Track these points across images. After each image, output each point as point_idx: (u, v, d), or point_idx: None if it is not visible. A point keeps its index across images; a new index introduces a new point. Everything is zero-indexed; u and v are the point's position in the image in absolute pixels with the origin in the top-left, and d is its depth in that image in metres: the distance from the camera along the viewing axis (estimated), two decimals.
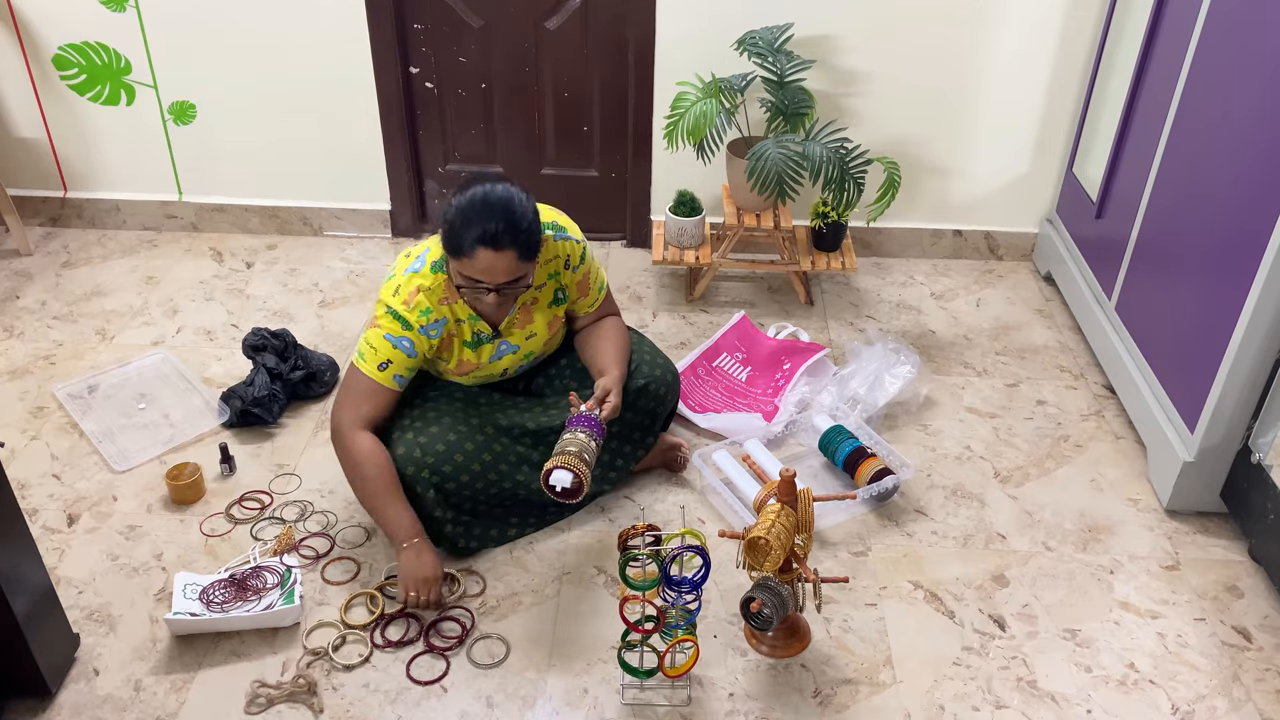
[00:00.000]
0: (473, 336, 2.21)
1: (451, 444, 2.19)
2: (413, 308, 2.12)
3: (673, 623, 1.93)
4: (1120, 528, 2.41)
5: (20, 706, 1.93)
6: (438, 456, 2.17)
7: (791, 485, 1.91)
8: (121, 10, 3.14)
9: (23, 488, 2.43)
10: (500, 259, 2.00)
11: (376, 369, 2.13)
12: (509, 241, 1.99)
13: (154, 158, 3.40)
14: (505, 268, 2.01)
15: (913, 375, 2.70)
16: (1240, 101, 2.24)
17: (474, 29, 3.19)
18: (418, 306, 2.12)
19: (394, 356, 2.13)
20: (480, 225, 1.97)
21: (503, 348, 2.26)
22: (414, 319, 2.12)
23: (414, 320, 2.12)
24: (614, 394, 2.17)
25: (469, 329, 2.20)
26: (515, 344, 2.27)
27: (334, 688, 1.98)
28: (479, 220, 1.97)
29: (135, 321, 3.06)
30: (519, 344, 2.28)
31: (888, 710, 1.97)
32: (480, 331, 2.22)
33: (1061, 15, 3.03)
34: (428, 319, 2.13)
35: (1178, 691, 2.03)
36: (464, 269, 2.03)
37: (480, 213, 1.98)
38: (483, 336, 2.23)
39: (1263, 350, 2.16)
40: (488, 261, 1.99)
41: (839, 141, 2.85)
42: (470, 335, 2.21)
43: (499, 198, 2.00)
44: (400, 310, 2.11)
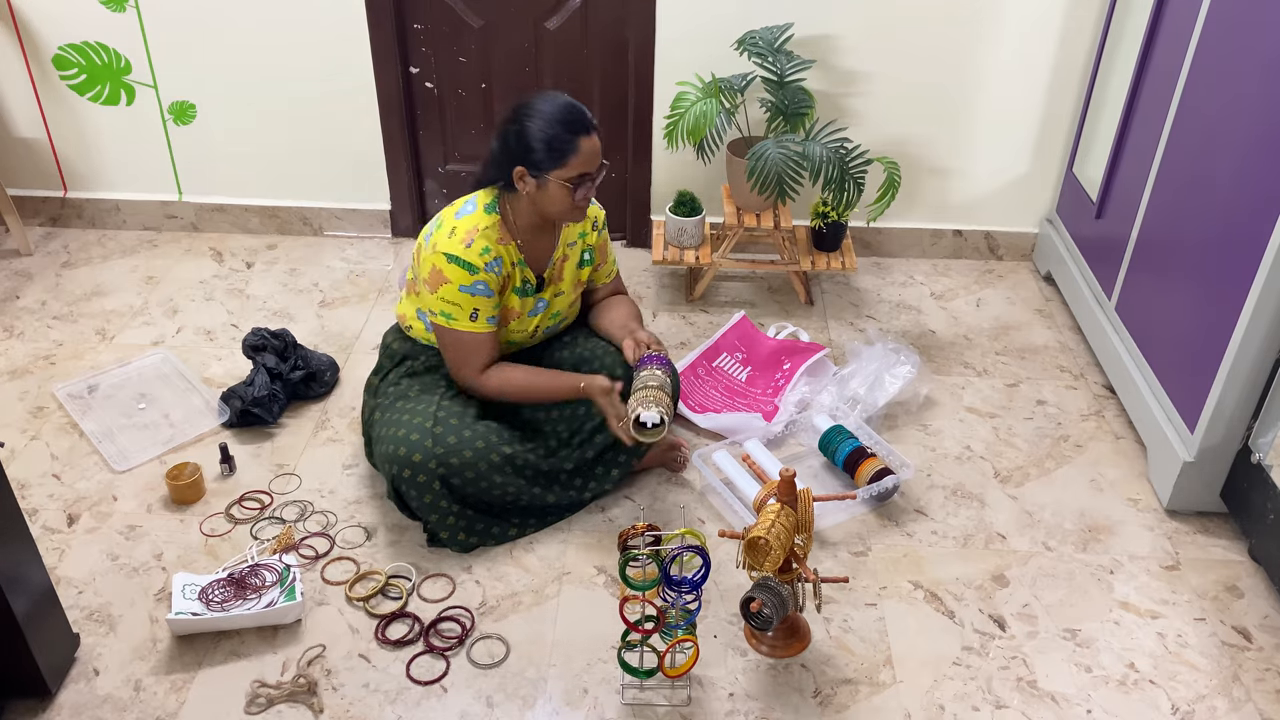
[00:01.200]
0: (522, 283, 2.29)
1: (464, 439, 2.21)
2: (472, 248, 2.17)
3: (673, 623, 1.93)
4: (1120, 528, 2.41)
5: (20, 706, 1.93)
6: (447, 448, 2.18)
7: (791, 485, 1.91)
8: (121, 10, 3.14)
9: (23, 488, 2.43)
10: (594, 141, 2.14)
11: (469, 320, 2.21)
12: (591, 122, 2.14)
13: (154, 158, 3.40)
14: (599, 148, 2.16)
15: (913, 375, 2.70)
16: (1240, 101, 2.24)
17: (474, 29, 3.19)
18: (476, 247, 2.18)
19: (478, 304, 2.20)
20: (569, 122, 2.10)
21: (540, 304, 2.34)
22: (477, 260, 2.17)
23: (477, 262, 2.17)
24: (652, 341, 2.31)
25: (520, 274, 2.28)
26: (547, 299, 2.35)
27: (334, 688, 1.98)
28: (566, 119, 2.10)
29: (135, 321, 3.06)
30: (548, 300, 2.35)
31: (888, 710, 1.97)
32: (527, 280, 2.30)
33: (1061, 15, 3.03)
34: (489, 256, 2.19)
35: (1178, 691, 2.03)
36: (572, 169, 2.12)
37: (563, 113, 2.11)
38: (529, 287, 2.31)
39: (1263, 350, 2.16)
40: (591, 147, 2.13)
41: (839, 141, 2.85)
42: (520, 281, 2.28)
43: (559, 97, 2.14)
44: (462, 254, 2.16)
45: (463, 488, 2.22)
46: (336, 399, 2.75)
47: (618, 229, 3.50)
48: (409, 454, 2.17)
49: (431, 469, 2.17)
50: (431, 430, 2.19)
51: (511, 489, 2.26)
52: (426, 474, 2.17)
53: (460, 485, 2.21)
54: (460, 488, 2.22)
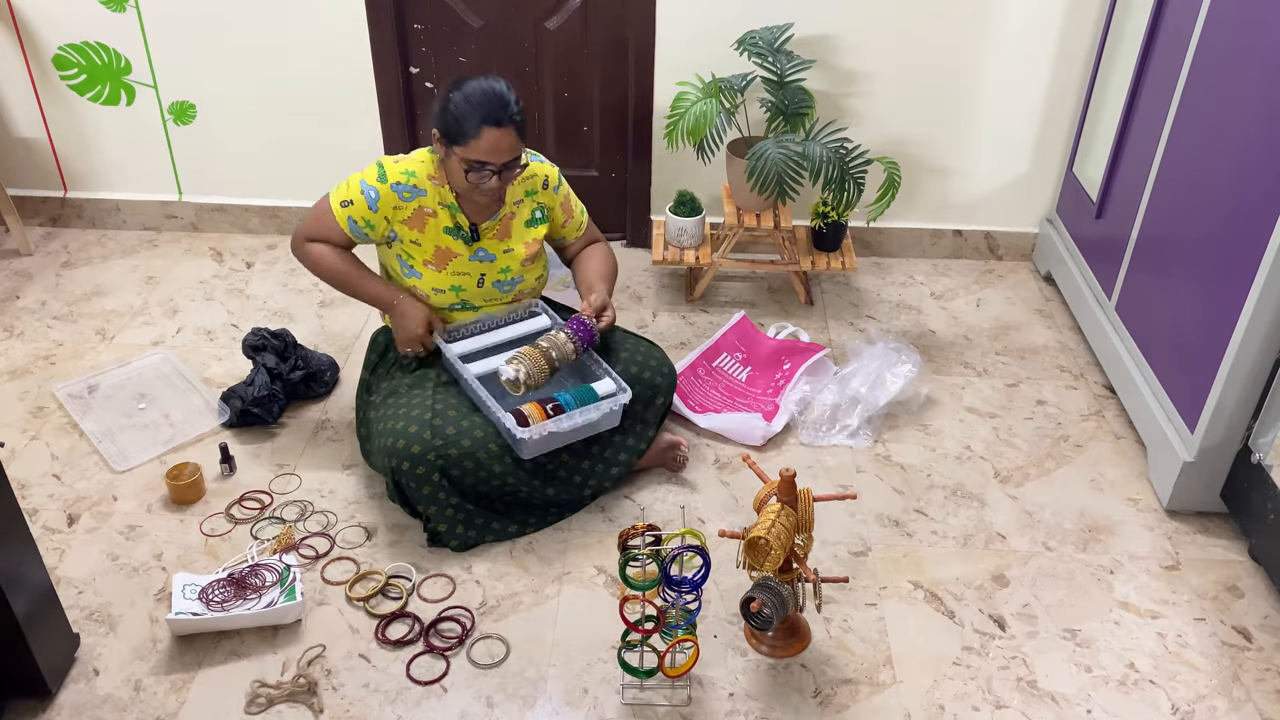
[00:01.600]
0: (453, 225, 2.33)
1: (462, 429, 2.22)
2: (399, 163, 2.29)
3: (673, 623, 1.93)
4: (1120, 528, 2.41)
5: (20, 706, 1.93)
6: (446, 439, 2.19)
7: (791, 485, 1.91)
8: (121, 10, 3.14)
9: (23, 488, 2.43)
10: (504, 137, 2.18)
11: (339, 203, 2.30)
12: (508, 120, 2.18)
13: (154, 158, 3.40)
14: (508, 146, 2.20)
15: (914, 374, 2.70)
16: (1240, 101, 2.24)
17: (474, 29, 3.19)
18: (401, 165, 2.29)
19: (356, 199, 2.29)
20: (484, 109, 2.16)
21: (480, 253, 2.37)
22: (392, 174, 2.28)
23: (391, 174, 2.28)
24: (609, 308, 2.37)
25: (449, 216, 2.32)
26: (492, 253, 2.37)
27: (334, 688, 1.98)
28: (481, 104, 2.16)
29: (135, 321, 3.06)
30: (496, 254, 2.38)
31: (888, 710, 1.97)
32: (460, 225, 2.34)
33: (1061, 15, 3.03)
34: (407, 179, 2.28)
35: (1178, 691, 2.03)
36: (469, 153, 2.19)
37: (481, 98, 2.17)
38: (462, 231, 2.34)
39: (1263, 350, 2.16)
40: (493, 140, 2.17)
41: (839, 141, 2.85)
42: (451, 223, 2.32)
43: (494, 85, 2.19)
44: (385, 164, 2.29)
45: (462, 479, 2.22)
46: (336, 399, 2.75)
47: (617, 229, 3.50)
48: (408, 446, 2.17)
49: (431, 460, 2.18)
50: (430, 422, 2.20)
51: (511, 480, 2.26)
52: (426, 465, 2.18)
53: (460, 476, 2.22)
54: (460, 479, 2.22)
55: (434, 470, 2.19)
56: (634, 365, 2.42)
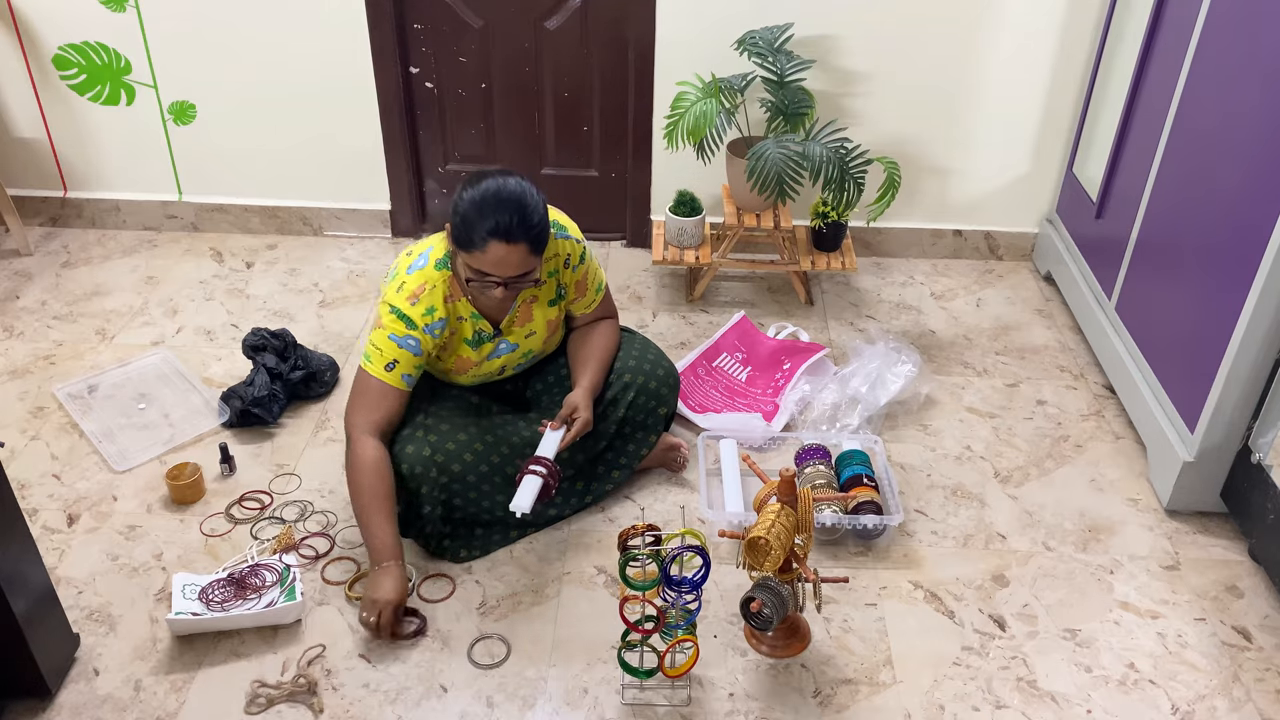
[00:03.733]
0: (474, 335, 2.22)
1: (461, 444, 2.20)
2: (417, 305, 2.12)
3: (673, 623, 1.93)
4: (1120, 528, 2.41)
5: (20, 706, 1.93)
6: (447, 455, 2.18)
7: (791, 485, 1.91)
8: (121, 10, 3.14)
9: (23, 488, 2.43)
10: (513, 252, 2.01)
11: (384, 370, 2.13)
12: (521, 235, 2.00)
13: (154, 158, 3.40)
14: (517, 261, 2.03)
15: (914, 374, 2.70)
16: (1240, 101, 2.24)
17: (474, 29, 3.19)
18: (422, 304, 2.12)
19: (400, 356, 2.12)
20: (494, 218, 1.98)
21: (501, 346, 2.28)
22: (418, 318, 2.12)
23: (418, 319, 2.12)
24: (582, 408, 2.20)
25: (470, 327, 2.21)
26: (514, 342, 2.29)
27: (334, 688, 1.98)
28: (492, 213, 1.98)
29: (135, 321, 3.06)
30: (518, 342, 2.29)
31: (888, 710, 1.97)
32: (481, 330, 2.23)
33: (1061, 15, 3.03)
34: (432, 317, 2.13)
35: (1178, 691, 2.03)
36: (474, 262, 2.03)
37: (494, 206, 1.99)
38: (484, 335, 2.24)
39: (1263, 350, 2.16)
40: (499, 255, 2.01)
41: (839, 141, 2.85)
42: (471, 333, 2.22)
43: (512, 191, 2.01)
44: (404, 309, 2.12)
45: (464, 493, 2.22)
46: (336, 399, 2.75)
47: (617, 229, 3.50)
48: (411, 465, 2.15)
49: (433, 478, 2.17)
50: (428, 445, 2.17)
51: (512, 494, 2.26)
52: (429, 484, 2.17)
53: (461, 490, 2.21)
54: (461, 493, 2.22)
55: (435, 487, 2.18)
56: (640, 375, 2.38)
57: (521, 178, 2.06)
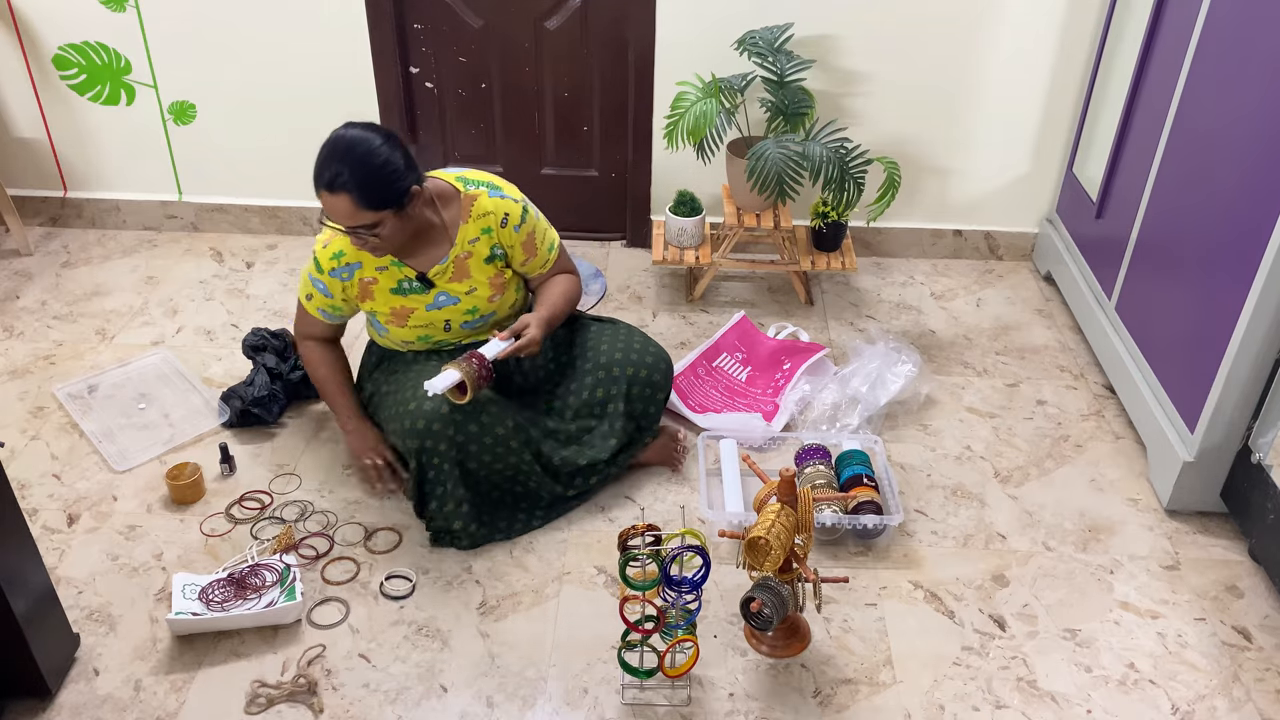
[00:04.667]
0: (398, 284, 2.29)
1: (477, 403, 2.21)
2: (326, 249, 2.26)
3: (673, 623, 1.93)
4: (1120, 528, 2.41)
5: (20, 706, 1.93)
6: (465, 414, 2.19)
7: (791, 485, 1.91)
8: (121, 10, 3.14)
9: (23, 488, 2.43)
10: (337, 201, 2.05)
11: (305, 299, 2.36)
12: (342, 185, 2.02)
13: (154, 158, 3.40)
14: (344, 211, 2.06)
15: (914, 374, 2.70)
16: (1240, 101, 2.24)
17: (474, 29, 3.19)
18: (330, 249, 2.26)
19: (313, 292, 2.33)
20: (319, 168, 2.05)
21: (441, 298, 2.31)
22: (325, 262, 2.27)
23: (325, 263, 2.27)
24: (533, 325, 2.25)
25: (392, 276, 2.28)
26: (455, 295, 2.31)
27: (334, 688, 1.98)
28: (319, 163, 2.05)
29: (135, 321, 3.06)
30: (459, 296, 2.31)
31: (888, 710, 1.97)
32: (406, 277, 2.28)
33: (1061, 15, 3.03)
34: (339, 261, 2.26)
35: (1178, 691, 2.03)
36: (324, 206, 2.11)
37: (323, 156, 2.05)
38: (410, 284, 2.29)
39: (1263, 350, 2.16)
40: (328, 204, 2.07)
41: (839, 141, 2.85)
42: (395, 282, 2.29)
43: (342, 142, 2.04)
44: (317, 252, 2.28)
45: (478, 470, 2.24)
46: None
47: (617, 229, 3.50)
48: (428, 424, 2.17)
49: (447, 445, 2.19)
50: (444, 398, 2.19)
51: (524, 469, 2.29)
52: (445, 446, 2.18)
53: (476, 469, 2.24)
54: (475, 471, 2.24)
55: (448, 460, 2.19)
56: (629, 366, 2.38)
57: (375, 129, 2.08)
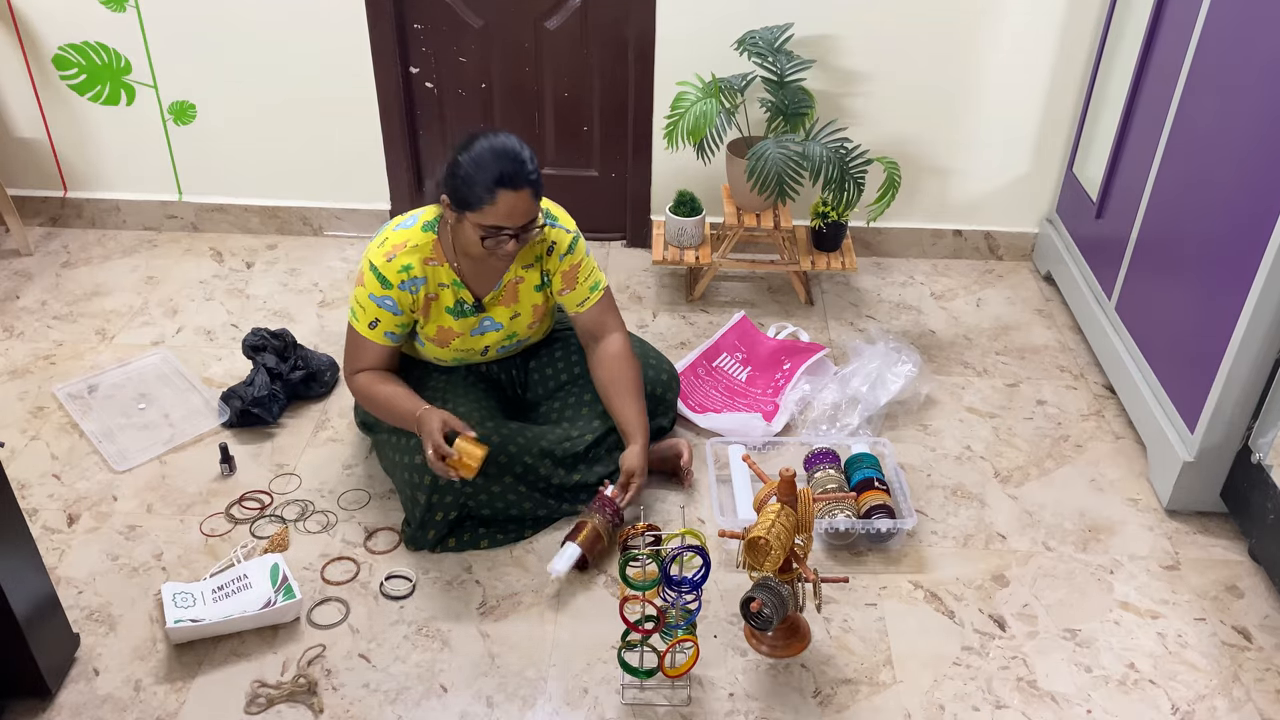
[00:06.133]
0: (455, 304, 2.26)
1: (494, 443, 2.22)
2: (392, 261, 2.18)
3: (673, 623, 1.93)
4: (1120, 528, 2.41)
5: (20, 706, 1.93)
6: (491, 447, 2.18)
7: (791, 485, 1.91)
8: (121, 10, 3.14)
9: (23, 488, 2.43)
10: (520, 199, 2.06)
11: (368, 328, 2.23)
12: (524, 181, 2.06)
13: (154, 158, 3.40)
14: (525, 208, 2.08)
15: (914, 374, 2.70)
16: (1240, 101, 2.24)
17: (474, 29, 3.19)
18: (397, 263, 2.18)
19: (381, 315, 2.21)
20: (497, 169, 2.04)
21: (486, 323, 2.30)
22: (393, 276, 2.18)
23: (393, 278, 2.18)
24: (638, 473, 2.25)
25: (452, 295, 2.25)
26: (499, 321, 2.31)
27: (334, 688, 1.98)
28: (494, 165, 2.04)
29: (135, 321, 3.06)
30: (503, 322, 2.31)
31: (888, 710, 1.97)
32: (463, 300, 2.26)
33: (1061, 15, 3.03)
34: (407, 275, 2.19)
35: (1178, 691, 2.03)
36: (484, 219, 2.07)
37: (494, 159, 2.04)
38: (465, 307, 2.27)
39: (1263, 350, 2.16)
40: (509, 204, 2.06)
41: (839, 141, 2.85)
42: (453, 302, 2.25)
43: (506, 143, 2.07)
44: (380, 266, 2.18)
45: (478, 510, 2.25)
46: (336, 399, 2.75)
47: (617, 229, 3.50)
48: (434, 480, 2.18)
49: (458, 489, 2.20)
50: None
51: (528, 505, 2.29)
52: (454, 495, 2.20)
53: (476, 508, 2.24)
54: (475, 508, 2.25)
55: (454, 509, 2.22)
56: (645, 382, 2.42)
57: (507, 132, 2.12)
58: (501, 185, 2.04)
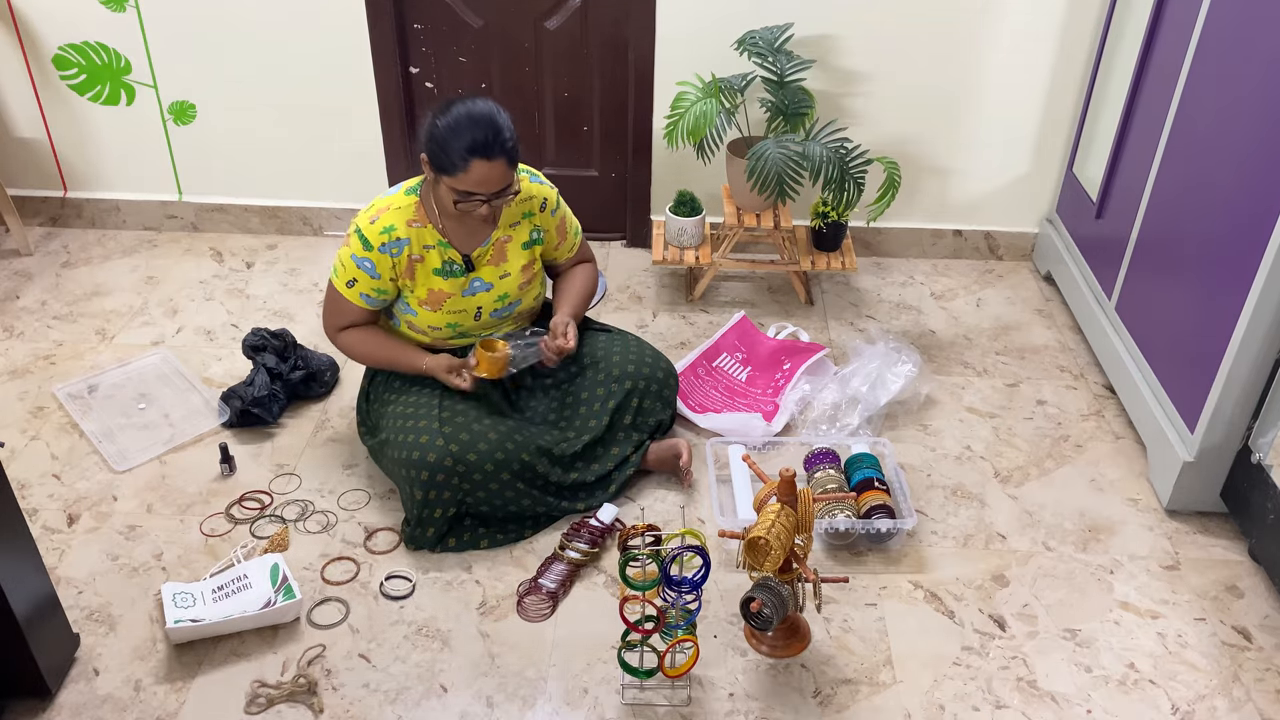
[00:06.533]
0: (443, 264, 2.27)
1: (476, 434, 2.23)
2: (375, 223, 2.21)
3: (673, 623, 1.93)
4: (1120, 528, 2.41)
5: (20, 706, 1.93)
6: (461, 445, 2.20)
7: (791, 485, 1.91)
8: (121, 10, 3.14)
9: (23, 488, 2.43)
10: (493, 168, 2.09)
11: (345, 285, 2.26)
12: (499, 150, 2.08)
13: (154, 158, 3.40)
14: (498, 176, 2.11)
15: (914, 374, 2.70)
16: (1240, 101, 2.24)
17: (474, 29, 3.19)
18: (380, 224, 2.21)
19: (358, 275, 2.23)
20: (470, 136, 2.06)
21: (476, 284, 2.31)
22: (374, 238, 2.20)
23: (374, 239, 2.20)
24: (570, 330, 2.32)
25: (439, 255, 2.26)
26: (489, 281, 2.32)
27: (334, 688, 1.98)
28: (468, 132, 2.06)
29: (135, 321, 3.06)
30: (492, 281, 2.33)
31: (888, 710, 1.97)
32: (451, 260, 2.27)
33: (1061, 15, 3.03)
34: (389, 237, 2.21)
35: (1178, 691, 2.03)
36: (457, 184, 2.11)
37: (469, 125, 2.07)
38: (454, 267, 2.28)
39: (1263, 350, 2.16)
40: (482, 172, 2.09)
41: (839, 141, 2.85)
42: (440, 262, 2.27)
43: (483, 110, 2.09)
44: (364, 228, 2.21)
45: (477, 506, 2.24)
46: (336, 399, 2.75)
47: (617, 229, 3.50)
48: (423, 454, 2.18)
49: (448, 466, 2.19)
50: (441, 432, 2.21)
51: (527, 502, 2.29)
52: (444, 471, 2.19)
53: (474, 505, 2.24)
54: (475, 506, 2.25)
55: (452, 505, 2.22)
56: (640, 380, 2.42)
57: (485, 98, 2.14)
58: (475, 154, 2.07)
